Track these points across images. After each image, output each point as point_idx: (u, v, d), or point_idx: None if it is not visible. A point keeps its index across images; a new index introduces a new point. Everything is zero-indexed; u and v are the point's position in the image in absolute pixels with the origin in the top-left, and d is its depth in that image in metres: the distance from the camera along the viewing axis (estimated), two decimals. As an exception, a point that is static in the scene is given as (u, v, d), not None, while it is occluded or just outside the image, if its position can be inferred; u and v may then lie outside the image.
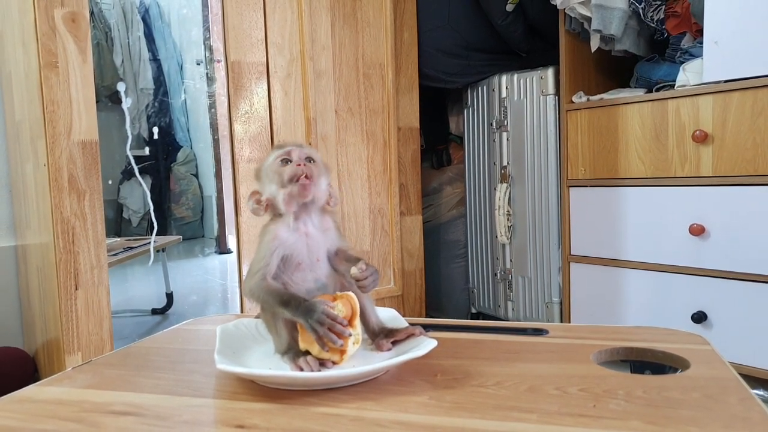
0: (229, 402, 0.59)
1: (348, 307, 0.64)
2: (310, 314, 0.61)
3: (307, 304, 0.63)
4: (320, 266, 0.70)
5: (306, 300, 0.64)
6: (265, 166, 0.72)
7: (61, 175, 1.30)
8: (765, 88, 1.27)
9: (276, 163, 0.70)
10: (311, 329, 0.61)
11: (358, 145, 1.80)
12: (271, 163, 0.70)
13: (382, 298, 1.84)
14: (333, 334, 0.61)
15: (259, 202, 0.71)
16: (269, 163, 0.71)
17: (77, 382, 0.66)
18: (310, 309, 0.62)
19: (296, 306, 0.63)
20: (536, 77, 1.76)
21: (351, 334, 0.63)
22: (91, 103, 1.34)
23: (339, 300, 0.65)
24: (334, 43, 1.73)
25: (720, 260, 1.38)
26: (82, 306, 1.33)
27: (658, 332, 0.77)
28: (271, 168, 0.70)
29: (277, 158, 0.70)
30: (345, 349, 0.63)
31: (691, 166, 1.41)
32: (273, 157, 0.71)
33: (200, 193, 3.27)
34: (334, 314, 0.62)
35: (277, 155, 0.70)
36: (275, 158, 0.70)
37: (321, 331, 0.61)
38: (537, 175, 1.77)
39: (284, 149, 0.71)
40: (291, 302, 0.63)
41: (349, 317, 0.63)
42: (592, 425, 0.50)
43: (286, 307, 0.64)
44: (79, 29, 1.31)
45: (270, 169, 0.70)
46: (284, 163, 0.69)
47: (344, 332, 0.62)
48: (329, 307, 0.63)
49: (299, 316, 0.62)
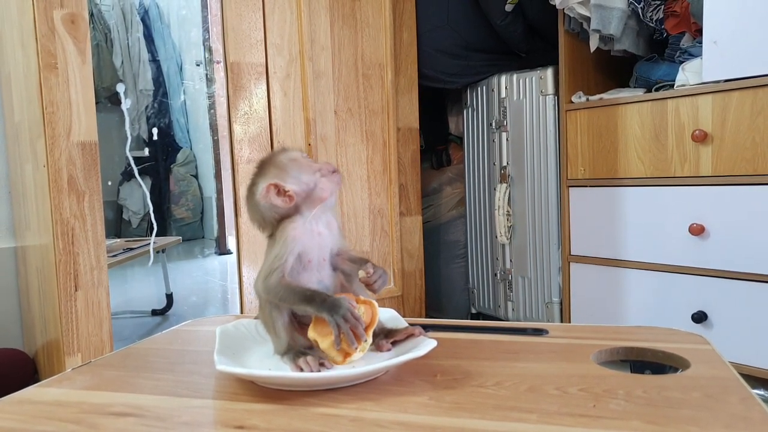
0: (228, 403, 0.59)
1: (369, 315, 0.64)
2: (336, 309, 0.62)
3: (333, 300, 0.63)
4: (325, 266, 0.70)
5: (330, 296, 0.64)
6: (279, 160, 0.70)
7: (60, 176, 1.30)
8: (764, 87, 1.27)
9: (305, 159, 0.70)
10: (335, 325, 0.61)
11: (357, 146, 1.80)
12: (295, 157, 0.70)
13: (382, 298, 1.84)
14: (353, 335, 0.61)
15: (283, 193, 0.68)
16: (286, 156, 0.70)
17: (77, 384, 0.66)
18: (337, 305, 0.62)
19: (321, 301, 0.63)
20: (536, 77, 1.76)
21: (366, 340, 0.63)
22: (91, 104, 1.34)
23: (363, 304, 0.65)
24: (334, 44, 1.73)
25: (720, 260, 1.38)
26: (81, 307, 1.33)
27: (658, 332, 0.77)
28: (294, 162, 0.70)
29: (302, 156, 0.71)
30: (351, 352, 0.63)
31: (690, 165, 1.41)
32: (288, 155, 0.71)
33: (200, 194, 3.27)
34: (358, 315, 0.62)
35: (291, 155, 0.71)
36: (300, 154, 0.71)
37: (344, 328, 0.61)
38: (537, 175, 1.77)
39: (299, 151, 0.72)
40: (316, 298, 0.64)
41: (367, 324, 0.63)
42: (592, 425, 0.50)
43: (310, 303, 0.63)
44: (78, 30, 1.31)
45: (294, 163, 0.69)
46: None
47: (362, 336, 0.62)
48: (354, 307, 0.63)
49: (324, 311, 0.62)
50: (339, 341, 0.62)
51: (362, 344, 0.63)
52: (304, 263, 0.68)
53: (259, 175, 0.70)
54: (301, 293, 0.65)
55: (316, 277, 0.69)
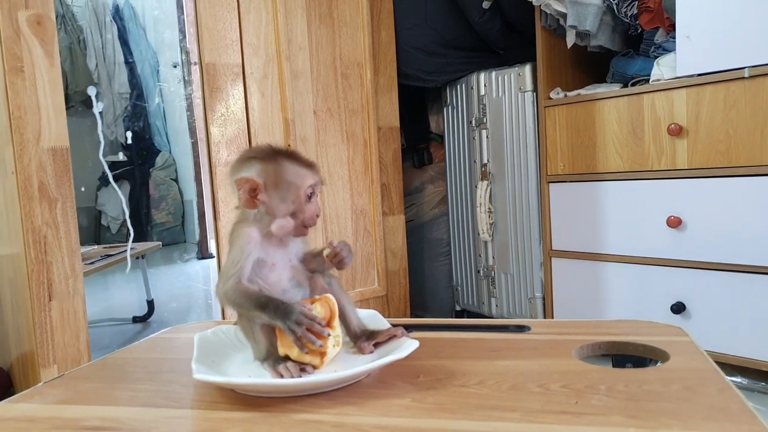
0: (207, 412, 0.58)
1: (326, 309, 0.63)
2: (288, 316, 0.61)
3: (285, 307, 0.61)
4: (295, 266, 0.69)
5: (283, 302, 0.62)
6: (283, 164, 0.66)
7: (30, 183, 1.27)
8: (736, 81, 1.29)
9: (304, 192, 0.66)
10: (289, 331, 0.60)
11: (338, 146, 1.79)
12: (295, 181, 0.66)
13: (366, 299, 1.83)
14: (312, 335, 0.60)
15: (253, 195, 0.65)
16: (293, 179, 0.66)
17: (48, 398, 0.64)
18: (288, 311, 0.61)
19: (274, 309, 0.62)
20: (514, 74, 1.76)
21: (330, 334, 0.62)
22: (61, 108, 1.30)
23: (317, 302, 0.64)
24: (311, 43, 1.71)
25: (697, 251, 1.40)
26: (57, 317, 1.30)
27: (638, 325, 0.77)
28: (291, 185, 0.66)
29: (309, 187, 0.66)
30: (325, 351, 0.62)
31: (667, 159, 1.43)
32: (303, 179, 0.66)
33: (180, 197, 3.23)
34: (312, 314, 0.61)
35: (309, 182, 0.66)
36: (308, 185, 0.66)
37: (299, 332, 0.60)
38: (517, 171, 1.78)
39: (315, 178, 0.67)
40: (268, 305, 0.62)
41: (328, 318, 0.63)
42: (574, 422, 0.50)
43: (264, 311, 0.62)
44: (45, 32, 1.28)
45: (288, 186, 0.66)
46: (310, 198, 0.67)
47: (323, 332, 0.61)
48: (307, 308, 0.62)
49: (277, 318, 0.61)
50: (302, 345, 0.61)
51: (333, 339, 0.62)
52: (269, 265, 0.67)
53: (255, 158, 0.67)
54: (255, 300, 0.63)
55: (286, 276, 0.68)
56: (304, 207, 0.66)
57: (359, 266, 1.85)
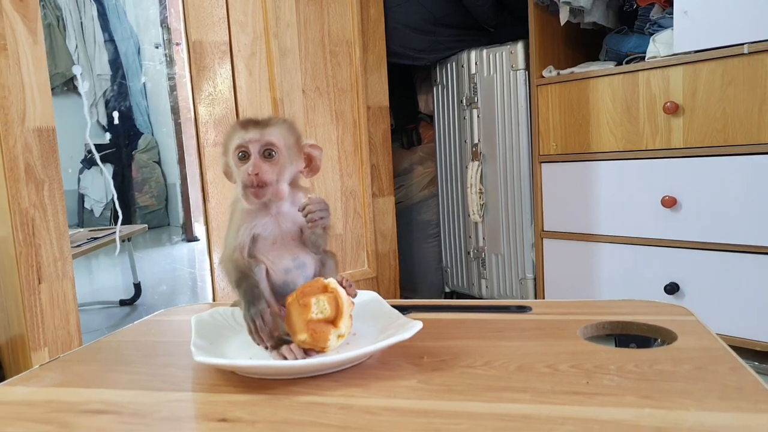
0: (209, 395, 0.57)
1: (333, 305, 0.60)
2: (253, 304, 0.60)
3: (255, 293, 0.61)
4: (296, 243, 0.67)
5: (256, 288, 0.61)
6: (227, 142, 0.66)
7: (16, 165, 1.23)
8: (734, 57, 1.28)
9: (235, 154, 0.64)
10: (247, 319, 0.60)
11: (327, 126, 1.76)
12: (231, 148, 0.64)
13: (357, 281, 1.82)
14: (258, 337, 0.60)
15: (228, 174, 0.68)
16: (230, 144, 0.65)
17: (45, 381, 0.62)
18: (254, 300, 0.60)
19: (244, 291, 0.61)
20: (506, 52, 1.74)
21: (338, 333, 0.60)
22: (46, 87, 1.26)
23: (324, 296, 0.60)
24: (299, 20, 1.67)
25: (691, 231, 1.40)
26: (46, 300, 1.27)
27: (641, 305, 0.77)
28: (230, 153, 0.65)
29: (236, 148, 0.64)
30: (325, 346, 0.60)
31: (662, 138, 1.42)
32: (233, 140, 0.64)
33: (164, 180, 3.18)
34: (268, 319, 0.60)
35: (236, 142, 0.64)
36: (234, 147, 0.64)
37: (251, 327, 0.60)
38: (508, 151, 1.77)
39: (243, 137, 0.63)
40: (242, 284, 0.62)
41: (333, 318, 0.60)
42: (587, 402, 0.49)
43: (238, 288, 0.62)
44: (27, 8, 1.23)
45: (230, 154, 0.65)
46: (242, 158, 0.64)
47: (267, 342, 0.60)
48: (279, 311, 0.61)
49: (243, 301, 0.61)
50: (253, 338, 0.60)
51: (336, 332, 0.60)
52: (270, 242, 0.66)
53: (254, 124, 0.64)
54: (236, 275, 0.63)
55: (287, 254, 0.66)
56: (239, 168, 0.64)
57: (349, 248, 1.84)
